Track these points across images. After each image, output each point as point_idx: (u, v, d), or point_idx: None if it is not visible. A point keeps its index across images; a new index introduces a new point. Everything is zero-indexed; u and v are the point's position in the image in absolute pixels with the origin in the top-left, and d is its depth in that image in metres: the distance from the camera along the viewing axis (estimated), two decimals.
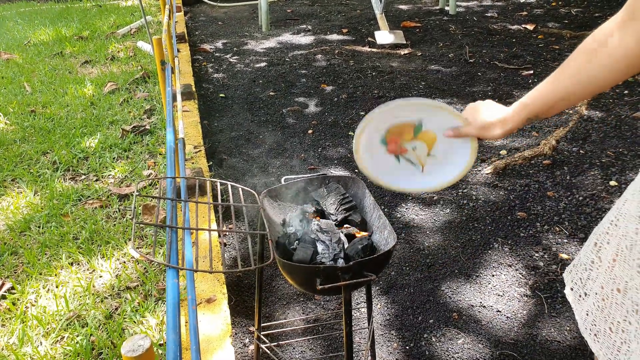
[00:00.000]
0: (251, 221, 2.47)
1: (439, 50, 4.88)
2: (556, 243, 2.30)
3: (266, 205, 1.44)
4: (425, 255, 2.27)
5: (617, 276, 0.81)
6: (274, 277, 2.16)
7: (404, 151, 1.10)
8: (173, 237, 1.26)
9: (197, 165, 2.73)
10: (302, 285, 1.23)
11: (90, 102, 3.78)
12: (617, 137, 3.15)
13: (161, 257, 2.15)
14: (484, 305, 1.98)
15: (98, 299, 1.96)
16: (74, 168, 2.92)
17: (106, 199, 2.61)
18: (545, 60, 4.48)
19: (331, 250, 1.26)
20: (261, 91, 4.11)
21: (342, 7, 6.74)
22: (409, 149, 1.09)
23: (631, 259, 0.78)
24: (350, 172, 2.94)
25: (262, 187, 2.82)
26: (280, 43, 5.34)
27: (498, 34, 5.25)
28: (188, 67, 4.36)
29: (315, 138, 3.34)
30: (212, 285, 1.94)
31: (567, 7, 6.09)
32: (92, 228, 2.35)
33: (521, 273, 2.14)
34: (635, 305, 0.78)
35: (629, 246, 0.79)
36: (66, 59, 4.84)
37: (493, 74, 4.23)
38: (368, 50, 4.95)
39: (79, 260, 2.18)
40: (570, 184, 2.71)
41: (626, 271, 0.79)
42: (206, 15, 6.66)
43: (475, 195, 2.66)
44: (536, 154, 2.97)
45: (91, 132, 3.30)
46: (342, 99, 3.90)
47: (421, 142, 1.08)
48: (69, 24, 6.06)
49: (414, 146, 1.09)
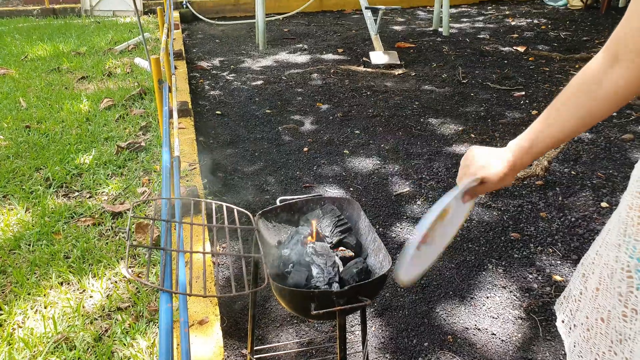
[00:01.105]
0: (246, 241, 2.46)
1: (433, 70, 4.94)
2: (550, 264, 2.30)
3: (261, 227, 1.43)
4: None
5: (601, 305, 0.82)
6: (267, 298, 2.15)
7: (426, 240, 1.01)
8: (167, 260, 1.25)
9: (192, 184, 2.73)
10: (296, 310, 1.23)
11: (86, 118, 3.78)
12: (607, 158, 3.18)
13: (154, 277, 2.13)
14: (479, 327, 1.98)
15: (87, 320, 1.94)
16: (68, 185, 2.91)
17: (99, 216, 2.60)
18: (536, 81, 4.55)
19: (326, 273, 1.26)
20: (257, 109, 4.13)
21: (338, 27, 6.82)
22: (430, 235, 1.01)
23: (612, 288, 0.79)
24: (345, 192, 2.95)
25: (257, 204, 2.82)
26: (276, 61, 5.39)
27: (490, 56, 5.33)
28: (185, 84, 4.38)
29: (310, 156, 3.35)
30: (204, 307, 1.92)
31: (556, 31, 6.20)
32: (84, 246, 2.33)
33: (515, 295, 2.13)
34: (619, 335, 0.78)
35: (609, 274, 0.79)
36: (63, 74, 4.85)
37: (485, 95, 4.28)
38: (363, 70, 5.00)
39: (69, 280, 2.15)
40: (563, 205, 2.73)
41: (608, 300, 0.80)
42: (204, 33, 6.71)
43: (469, 216, 2.67)
44: (529, 175, 2.99)
45: (86, 149, 3.30)
46: (338, 117, 3.93)
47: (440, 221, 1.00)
48: (67, 39, 6.09)
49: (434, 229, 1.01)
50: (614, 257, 0.78)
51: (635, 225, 0.73)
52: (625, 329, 0.76)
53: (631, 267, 0.74)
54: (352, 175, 3.12)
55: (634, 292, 0.74)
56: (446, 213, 0.99)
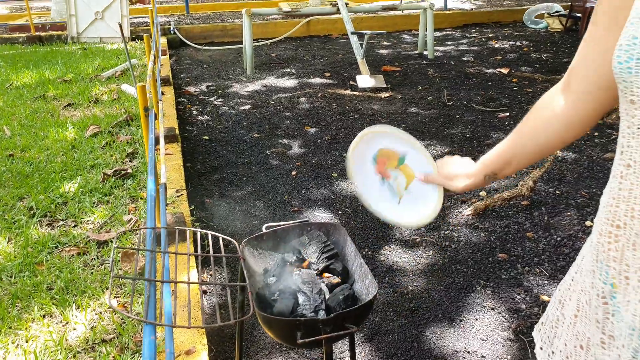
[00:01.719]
0: (232, 269, 2.44)
1: (418, 93, 5.01)
2: (537, 285, 2.31)
3: (247, 255, 1.43)
4: (409, 299, 2.25)
5: (580, 332, 0.82)
6: (255, 326, 2.12)
7: (388, 176, 1.15)
8: (152, 291, 1.24)
9: (178, 210, 2.71)
10: (282, 338, 1.21)
11: (72, 145, 3.76)
12: (590, 177, 3.22)
13: (140, 306, 2.10)
14: (468, 350, 1.96)
15: (71, 353, 1.89)
16: (52, 214, 2.87)
17: (84, 245, 2.56)
18: (520, 102, 4.63)
19: (312, 301, 1.25)
20: (245, 133, 4.15)
21: (325, 51, 6.92)
22: (392, 176, 1.14)
23: (590, 314, 0.79)
24: (334, 215, 2.95)
25: (245, 230, 2.81)
26: (264, 86, 5.43)
27: (474, 78, 5.42)
28: (172, 110, 4.39)
29: (299, 180, 3.36)
30: (191, 337, 1.89)
31: (538, 53, 6.35)
32: (68, 277, 2.29)
33: (504, 316, 2.13)
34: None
35: (587, 301, 0.80)
36: (48, 101, 4.83)
37: (470, 116, 4.34)
38: (350, 94, 5.06)
39: (52, 312, 2.11)
40: (549, 225, 2.75)
41: (587, 327, 0.81)
42: (191, 59, 6.76)
43: (457, 237, 2.68)
44: (514, 195, 3.02)
45: (71, 176, 3.27)
46: (325, 140, 3.95)
47: (402, 174, 1.13)
48: (53, 66, 6.09)
49: (396, 176, 1.14)
50: (589, 283, 0.79)
51: (606, 252, 0.74)
52: (603, 356, 0.76)
53: (605, 293, 0.75)
54: (341, 198, 3.12)
55: (610, 318, 0.74)
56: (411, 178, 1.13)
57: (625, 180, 0.69)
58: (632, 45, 0.64)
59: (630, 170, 0.68)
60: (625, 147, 0.70)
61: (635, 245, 0.68)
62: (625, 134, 0.70)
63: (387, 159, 1.13)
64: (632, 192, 0.68)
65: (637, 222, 0.68)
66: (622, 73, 0.66)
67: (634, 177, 0.68)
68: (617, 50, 0.67)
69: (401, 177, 1.14)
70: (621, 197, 0.71)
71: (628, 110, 0.68)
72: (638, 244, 0.68)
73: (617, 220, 0.72)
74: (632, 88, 0.65)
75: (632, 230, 0.69)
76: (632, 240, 0.69)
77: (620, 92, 0.69)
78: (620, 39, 0.67)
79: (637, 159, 0.67)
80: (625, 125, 0.70)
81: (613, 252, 0.72)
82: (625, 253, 0.70)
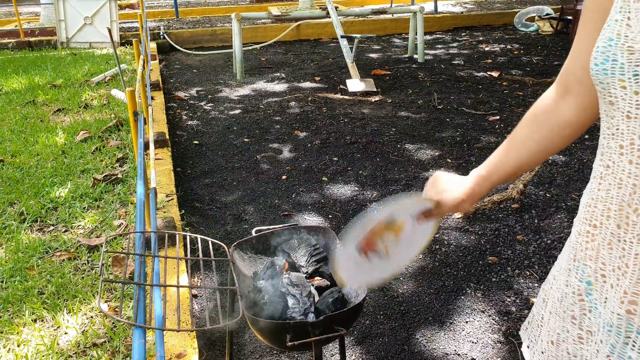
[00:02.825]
0: (222, 273, 2.44)
1: (409, 97, 5.04)
2: (527, 287, 2.33)
3: (236, 258, 1.43)
4: (400, 302, 2.26)
5: (552, 328, 0.84)
6: (245, 329, 2.12)
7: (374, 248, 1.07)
8: (141, 294, 1.24)
9: (168, 215, 2.71)
10: (271, 341, 1.22)
11: (62, 150, 3.74)
12: (581, 180, 3.26)
13: (130, 311, 2.09)
14: (459, 353, 1.98)
15: (62, 357, 1.89)
16: (42, 219, 2.86)
17: (75, 250, 2.55)
18: (510, 106, 4.67)
19: (301, 304, 1.26)
20: (235, 138, 4.15)
21: (315, 55, 6.94)
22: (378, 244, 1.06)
23: (561, 311, 0.81)
24: (324, 219, 2.95)
25: (236, 234, 2.81)
26: (254, 90, 5.44)
27: (465, 81, 5.47)
28: (162, 114, 4.39)
29: (289, 184, 3.36)
30: (182, 340, 1.89)
31: (529, 56, 6.41)
32: (59, 282, 2.28)
33: (494, 319, 2.15)
34: (573, 356, 0.80)
35: (559, 298, 0.82)
36: (38, 107, 4.81)
37: (461, 120, 4.37)
38: (340, 98, 5.08)
39: (44, 317, 2.10)
40: (539, 228, 2.77)
41: (558, 323, 0.82)
42: (181, 63, 6.75)
43: (447, 240, 2.70)
44: (505, 198, 3.05)
45: (61, 182, 3.25)
46: (316, 144, 3.96)
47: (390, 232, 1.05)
48: (42, 72, 6.06)
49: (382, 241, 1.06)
50: (564, 281, 0.81)
51: (583, 251, 0.76)
52: (582, 350, 0.78)
53: (582, 290, 0.77)
54: (331, 202, 3.13)
55: (587, 314, 0.76)
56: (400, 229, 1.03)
57: (604, 180, 0.71)
58: (607, 47, 0.66)
59: (609, 171, 0.70)
60: (605, 148, 0.71)
61: (612, 245, 0.70)
62: (605, 134, 0.71)
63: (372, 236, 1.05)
64: (609, 193, 0.70)
65: (612, 222, 0.69)
66: (598, 75, 0.67)
67: (612, 178, 0.69)
68: (594, 52, 0.68)
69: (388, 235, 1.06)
70: (599, 198, 0.72)
71: (607, 111, 0.69)
72: (614, 243, 0.70)
73: (594, 220, 0.73)
74: (609, 89, 0.67)
75: (607, 229, 0.71)
76: (607, 240, 0.71)
77: (599, 93, 0.70)
78: (597, 41, 0.68)
79: (615, 160, 0.68)
80: (605, 127, 0.71)
81: (589, 250, 0.74)
82: (601, 252, 0.72)
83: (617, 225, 0.69)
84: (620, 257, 0.69)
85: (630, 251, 0.67)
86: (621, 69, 0.64)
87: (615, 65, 0.65)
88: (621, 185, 0.68)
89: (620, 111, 0.66)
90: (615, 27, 0.65)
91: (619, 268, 0.69)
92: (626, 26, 0.64)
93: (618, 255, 0.69)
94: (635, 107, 0.64)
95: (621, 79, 0.64)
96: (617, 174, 0.68)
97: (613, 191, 0.69)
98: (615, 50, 0.64)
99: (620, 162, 0.68)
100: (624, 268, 0.68)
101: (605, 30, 0.67)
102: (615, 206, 0.69)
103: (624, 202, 0.67)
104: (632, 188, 0.66)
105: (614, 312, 0.70)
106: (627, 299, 0.68)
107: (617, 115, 0.67)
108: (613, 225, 0.69)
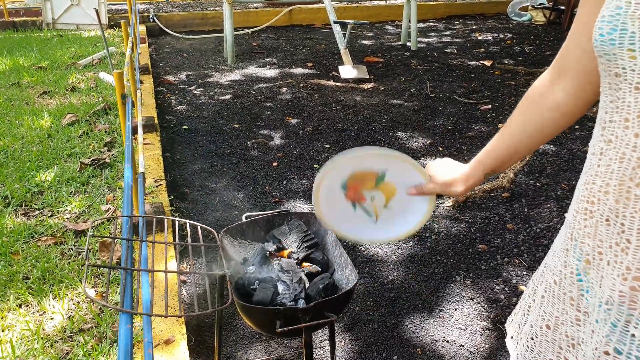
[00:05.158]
0: (212, 259, 2.42)
1: (401, 84, 5.01)
2: (516, 275, 2.34)
3: (226, 244, 1.41)
4: (389, 289, 2.26)
5: (547, 312, 0.83)
6: (235, 315, 2.10)
7: (362, 199, 1.06)
8: (128, 279, 1.21)
9: (157, 200, 2.67)
10: (261, 327, 1.20)
11: (48, 134, 3.67)
12: (570, 170, 3.27)
13: (118, 296, 2.07)
14: (447, 339, 1.98)
15: (48, 342, 1.86)
16: (28, 203, 2.81)
17: (61, 235, 2.51)
18: (502, 95, 4.66)
19: (292, 290, 1.24)
20: (225, 123, 4.10)
21: (307, 41, 6.87)
22: (367, 197, 1.05)
23: (561, 293, 0.80)
24: (314, 207, 2.94)
25: (225, 221, 2.78)
26: (245, 76, 5.37)
27: (457, 70, 5.45)
28: (151, 99, 4.32)
29: (280, 171, 3.34)
30: (170, 326, 1.87)
31: (521, 45, 6.40)
32: (45, 267, 2.25)
33: (483, 306, 2.15)
34: (571, 340, 0.79)
35: (557, 280, 0.80)
36: (23, 89, 4.71)
37: (453, 108, 4.36)
38: (332, 84, 5.03)
39: (29, 302, 2.07)
40: (528, 217, 2.78)
41: (556, 306, 0.81)
42: (171, 47, 6.65)
43: (438, 229, 2.70)
44: (495, 187, 3.05)
45: (47, 166, 3.20)
46: (307, 131, 3.93)
47: (380, 192, 1.04)
48: (27, 53, 5.93)
49: (373, 196, 1.05)
50: (562, 262, 0.80)
51: (581, 229, 0.74)
52: (579, 333, 0.77)
53: (580, 270, 0.75)
54: None
55: (584, 294, 0.75)
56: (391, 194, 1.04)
57: (604, 156, 0.69)
58: (615, 16, 0.62)
59: (611, 146, 0.67)
60: (607, 123, 0.68)
61: (609, 221, 0.68)
62: (608, 109, 0.68)
63: (360, 182, 1.04)
64: (610, 168, 0.68)
65: (611, 198, 0.68)
66: (603, 46, 0.64)
67: (614, 153, 0.67)
68: (598, 22, 0.65)
69: (379, 196, 1.05)
70: (598, 174, 0.70)
71: (611, 84, 0.67)
72: (612, 219, 0.68)
73: (592, 196, 0.71)
74: (616, 60, 0.64)
75: (605, 205, 0.69)
76: (605, 216, 0.69)
77: (602, 65, 0.67)
78: (602, 11, 0.65)
79: (619, 134, 0.66)
80: (607, 100, 0.68)
81: (588, 228, 0.72)
82: (599, 228, 0.70)
83: (615, 201, 0.67)
84: (619, 233, 0.67)
85: (631, 226, 0.65)
86: (631, 38, 0.61)
87: (624, 34, 0.61)
88: (623, 159, 0.65)
89: (627, 83, 0.64)
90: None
91: (617, 244, 0.67)
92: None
93: (616, 231, 0.67)
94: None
95: (630, 48, 0.61)
96: (620, 148, 0.66)
97: (614, 166, 0.67)
98: (625, 18, 0.61)
99: (624, 135, 0.65)
100: (623, 244, 0.66)
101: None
102: (615, 181, 0.67)
103: (626, 176, 0.65)
104: (636, 162, 0.64)
105: (615, 289, 0.68)
106: (631, 274, 0.66)
107: (623, 87, 0.64)
108: (611, 201, 0.68)
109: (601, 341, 0.71)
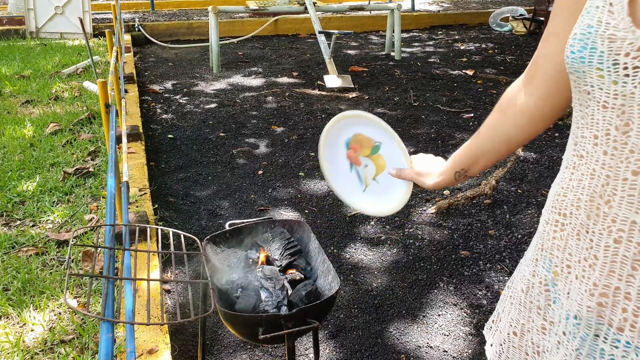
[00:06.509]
0: (195, 267, 2.41)
1: (385, 93, 5.06)
2: (498, 281, 2.37)
3: (209, 252, 1.41)
4: (374, 296, 2.28)
5: (513, 319, 0.84)
6: (219, 325, 2.10)
7: (358, 163, 1.12)
8: (110, 288, 1.21)
9: (141, 209, 2.66)
10: (244, 335, 1.21)
11: (30, 143, 3.64)
12: (551, 177, 3.33)
13: (100, 306, 2.05)
14: (431, 345, 2.00)
15: (28, 355, 1.84)
16: (9, 213, 2.77)
17: (43, 245, 2.49)
18: (484, 103, 4.74)
19: (274, 297, 1.25)
20: (211, 132, 4.10)
21: (293, 51, 6.91)
22: (362, 163, 1.11)
23: (528, 301, 0.81)
24: (300, 214, 2.95)
25: (210, 229, 2.78)
26: (230, 85, 5.38)
27: (440, 79, 5.52)
28: (136, 108, 4.31)
29: (265, 179, 3.35)
30: (154, 335, 1.86)
31: (502, 55, 6.51)
32: (25, 277, 2.22)
33: (466, 312, 2.18)
34: (536, 347, 0.80)
35: (524, 289, 0.82)
36: (5, 98, 4.66)
37: (436, 117, 4.41)
38: (317, 93, 5.07)
39: (8, 314, 2.04)
40: (510, 223, 2.82)
41: (522, 314, 0.82)
42: (156, 56, 6.64)
43: (421, 235, 2.72)
44: (477, 194, 3.09)
45: (29, 175, 3.16)
46: (293, 140, 3.95)
47: (373, 163, 1.10)
48: (9, 62, 5.88)
49: (367, 164, 1.11)
50: (530, 271, 0.81)
51: (550, 240, 0.75)
52: (544, 341, 0.79)
53: (548, 281, 0.77)
54: (307, 197, 3.13)
55: (551, 305, 0.77)
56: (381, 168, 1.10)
57: (577, 170, 0.70)
58: (586, 34, 0.63)
59: (583, 161, 0.68)
60: (579, 138, 0.69)
61: (580, 235, 0.69)
62: (579, 124, 0.69)
63: (360, 145, 1.10)
64: (581, 183, 0.69)
65: (582, 213, 0.69)
66: (574, 63, 0.65)
67: (585, 168, 0.68)
68: (570, 40, 0.66)
69: (371, 166, 1.11)
70: (570, 187, 0.71)
71: (582, 100, 0.68)
72: (582, 234, 0.69)
73: (563, 209, 0.72)
74: (585, 78, 0.64)
75: (577, 220, 0.70)
76: (577, 230, 0.70)
77: (573, 82, 0.68)
78: (574, 29, 0.66)
79: (589, 150, 0.67)
80: (579, 116, 0.69)
81: (558, 240, 0.74)
82: (569, 242, 0.71)
83: (587, 216, 0.68)
84: (587, 249, 0.68)
85: (599, 243, 0.66)
86: (600, 57, 0.62)
87: (593, 53, 0.62)
88: (594, 175, 0.66)
89: (595, 101, 0.65)
90: (596, 14, 0.63)
91: (585, 259, 0.68)
92: (608, 13, 0.62)
93: (585, 246, 0.68)
94: (612, 97, 0.62)
95: (599, 67, 0.62)
96: (590, 164, 0.67)
97: (585, 181, 0.68)
98: (595, 37, 0.62)
99: (594, 152, 0.66)
100: (591, 260, 0.67)
101: (583, 16, 0.65)
102: (586, 197, 0.68)
103: (596, 193, 0.66)
104: (605, 179, 0.65)
105: (582, 304, 0.69)
106: (598, 291, 0.67)
107: (592, 105, 0.65)
108: (583, 216, 0.68)
109: (571, 354, 0.72)
